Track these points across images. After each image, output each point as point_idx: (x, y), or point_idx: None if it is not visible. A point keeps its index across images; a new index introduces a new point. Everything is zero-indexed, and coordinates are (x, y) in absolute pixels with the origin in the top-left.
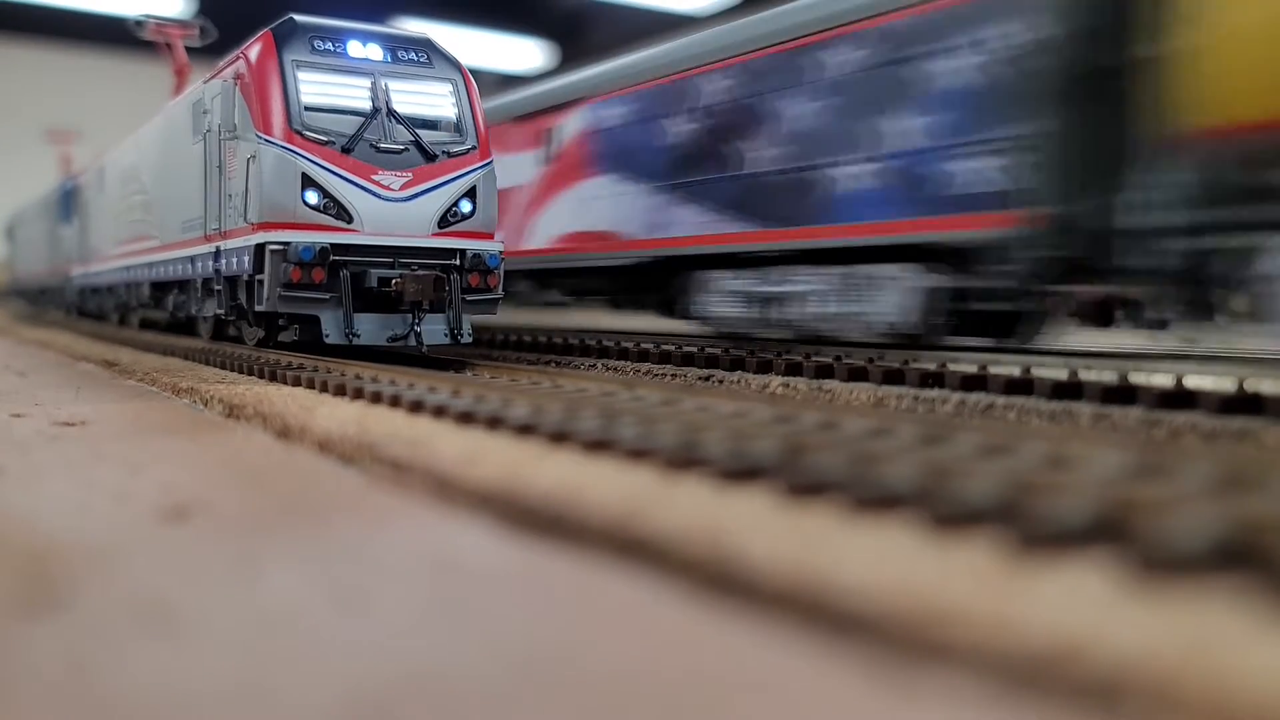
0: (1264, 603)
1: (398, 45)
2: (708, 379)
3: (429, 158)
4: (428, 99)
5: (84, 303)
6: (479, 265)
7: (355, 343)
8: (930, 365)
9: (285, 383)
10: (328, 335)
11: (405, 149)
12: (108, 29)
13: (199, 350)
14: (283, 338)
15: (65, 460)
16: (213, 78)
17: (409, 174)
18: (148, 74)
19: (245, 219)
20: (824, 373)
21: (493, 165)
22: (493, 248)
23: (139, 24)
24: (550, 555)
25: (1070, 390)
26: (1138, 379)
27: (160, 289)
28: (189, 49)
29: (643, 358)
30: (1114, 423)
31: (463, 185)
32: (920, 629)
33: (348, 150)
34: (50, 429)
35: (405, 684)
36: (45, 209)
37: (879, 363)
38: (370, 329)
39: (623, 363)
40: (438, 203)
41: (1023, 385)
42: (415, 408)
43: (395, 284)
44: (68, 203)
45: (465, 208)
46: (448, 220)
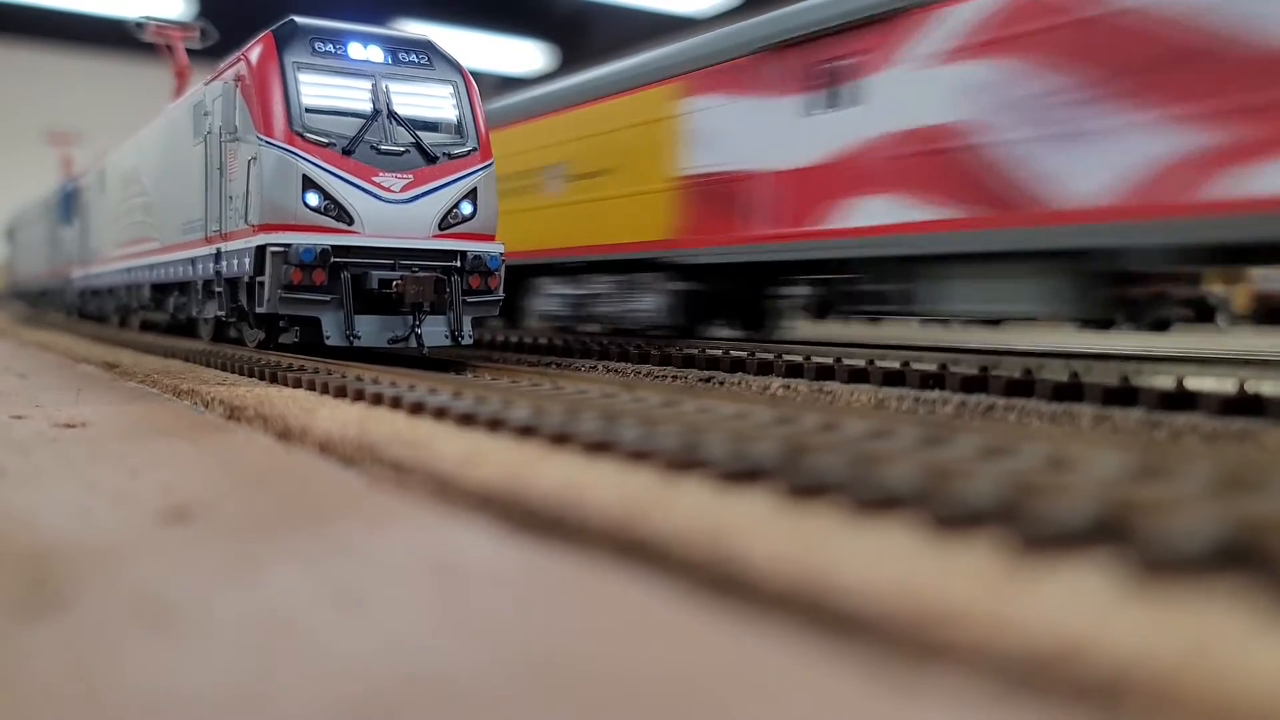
0: (1264, 603)
1: (398, 47)
2: (708, 380)
3: (430, 159)
4: (428, 101)
5: (84, 304)
6: (480, 267)
7: (356, 344)
8: (931, 367)
9: (286, 384)
10: (328, 337)
11: (406, 151)
12: (108, 31)
13: (200, 352)
14: (283, 339)
15: (66, 462)
16: (213, 79)
17: (410, 176)
18: (148, 76)
19: (246, 221)
20: (825, 374)
21: (493, 167)
22: (493, 249)
23: (139, 26)
24: (551, 557)
25: (1071, 392)
26: (1138, 380)
27: (161, 291)
28: (189, 51)
29: (643, 359)
30: (1115, 424)
31: (463, 187)
32: (921, 630)
33: (348, 152)
34: (51, 430)
35: (406, 686)
36: (46, 211)
37: (879, 364)
38: (371, 331)
39: (623, 364)
40: (438, 204)
41: (1023, 387)
42: (416, 409)
43: (396, 286)
44: (68, 204)
45: (466, 209)
46: (448, 222)
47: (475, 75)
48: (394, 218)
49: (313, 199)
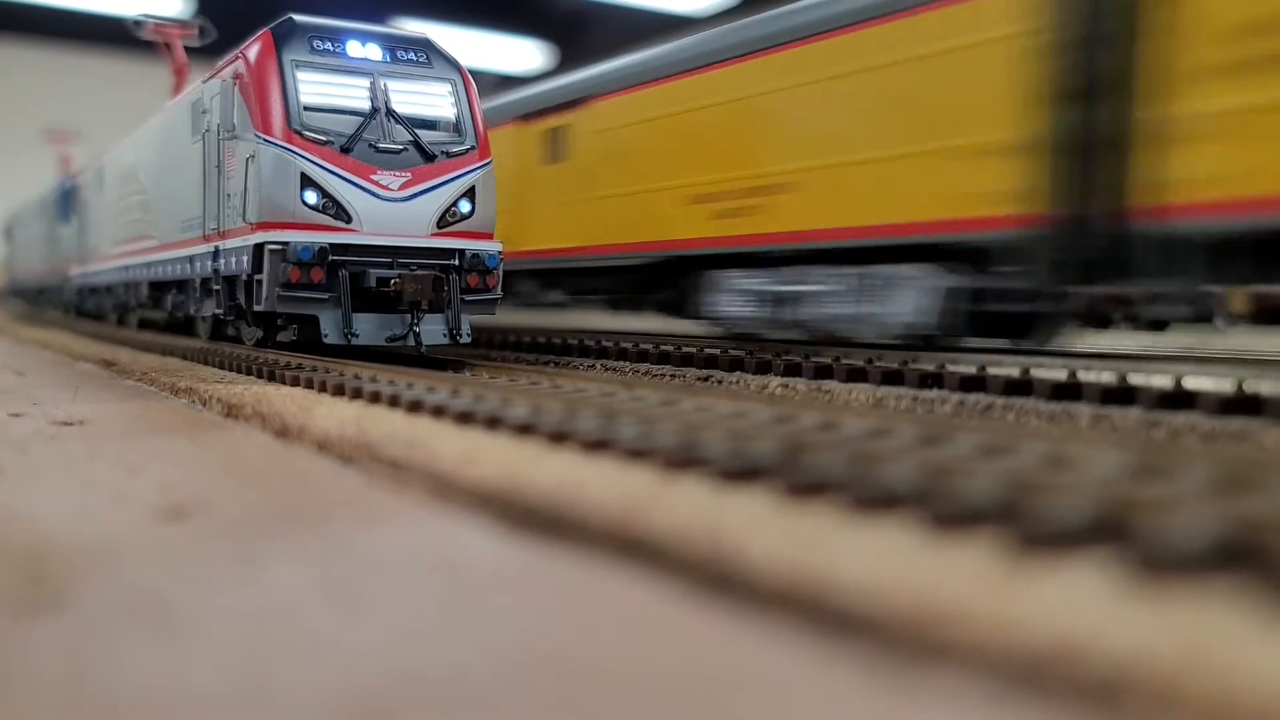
0: (1263, 602)
1: (397, 45)
2: (707, 379)
3: (428, 158)
4: (427, 99)
5: (82, 302)
6: (478, 265)
7: (354, 343)
8: (929, 366)
9: (284, 382)
10: (326, 335)
11: (404, 149)
12: (107, 29)
13: (197, 350)
14: (281, 337)
15: (64, 460)
16: (212, 77)
17: (408, 174)
18: (146, 74)
19: (244, 219)
20: (823, 373)
21: (491, 165)
22: (491, 248)
23: (138, 24)
24: (549, 555)
25: (1069, 391)
26: (1137, 380)
27: (159, 289)
28: (188, 49)
29: (642, 358)
30: (1113, 423)
31: (462, 185)
32: (920, 629)
33: (347, 150)
34: (49, 428)
35: (404, 683)
36: (44, 208)
37: (878, 363)
38: (369, 329)
39: (622, 363)
40: (437, 203)
41: (1022, 386)
42: (414, 408)
43: (394, 284)
44: (66, 202)
45: (464, 208)
46: (446, 220)
47: (474, 74)
48: (392, 216)
49: (311, 197)
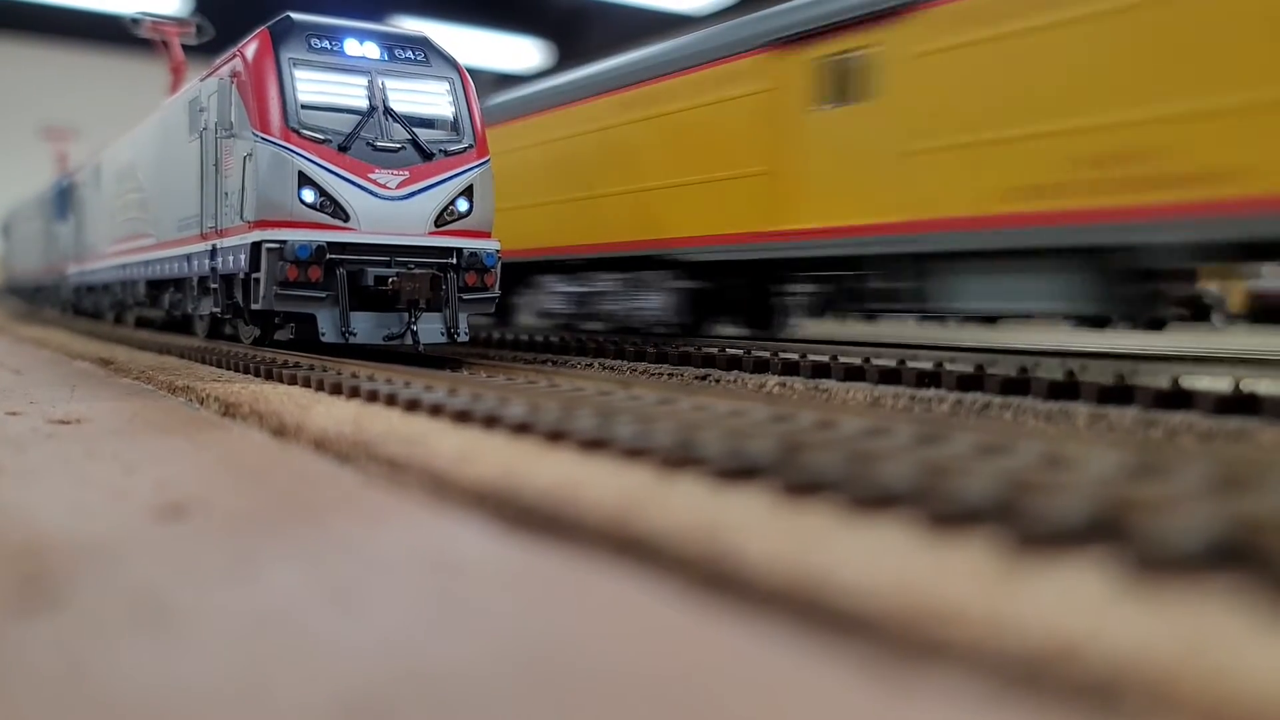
0: (1260, 602)
1: (395, 44)
2: (704, 378)
3: (426, 156)
4: (425, 97)
5: (80, 301)
6: (476, 264)
7: (351, 341)
8: (927, 365)
9: (281, 381)
10: (324, 334)
11: (402, 147)
12: (104, 26)
13: (195, 348)
14: (279, 336)
15: (60, 458)
16: (209, 75)
17: (406, 172)
18: (144, 72)
19: (241, 217)
20: (821, 372)
21: (489, 164)
22: (489, 246)
23: (135, 21)
24: (546, 554)
25: (1067, 390)
26: (1134, 379)
27: (156, 287)
28: (185, 47)
29: (639, 357)
30: (1111, 423)
31: (459, 184)
32: (917, 628)
33: (344, 148)
34: (45, 427)
35: (401, 682)
36: (41, 207)
37: (875, 362)
38: (366, 328)
39: (619, 362)
40: (434, 201)
41: (1019, 385)
42: (411, 406)
43: (392, 283)
44: (63, 200)
45: (462, 206)
46: (444, 219)
47: (472, 72)
48: (390, 214)
49: (308, 195)
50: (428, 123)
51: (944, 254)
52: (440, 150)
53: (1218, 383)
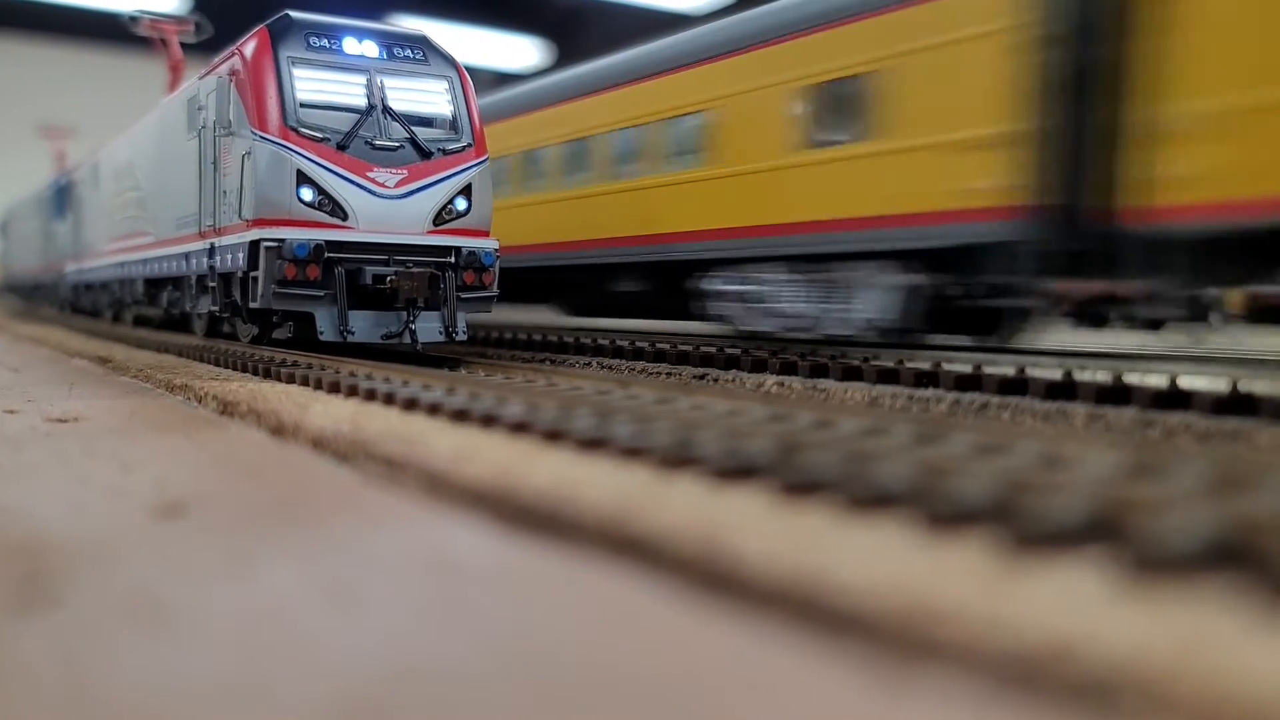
0: (1257, 602)
1: (393, 42)
2: (702, 377)
3: (424, 155)
4: (423, 96)
5: (78, 299)
6: (474, 263)
7: (349, 340)
8: (925, 365)
9: (279, 380)
10: (322, 332)
11: (400, 146)
12: (103, 25)
13: (193, 347)
14: (277, 335)
15: (59, 457)
16: (208, 74)
17: (404, 171)
18: (143, 70)
19: (240, 215)
20: (819, 372)
21: (488, 163)
22: (488, 245)
23: (134, 20)
24: (544, 554)
25: (1065, 390)
26: (1132, 379)
27: (154, 285)
28: (184, 45)
29: (638, 356)
30: (1108, 423)
31: (458, 183)
32: (914, 628)
33: (343, 147)
34: (44, 425)
35: (399, 681)
36: (39, 205)
37: (874, 362)
38: (365, 326)
39: (618, 361)
40: (433, 200)
41: (1017, 385)
42: (409, 405)
43: (390, 281)
44: (61, 199)
45: (460, 205)
46: (443, 218)
47: (470, 71)
48: (388, 213)
49: (307, 194)
50: (426, 121)
51: None
52: (439, 149)
53: (1216, 383)
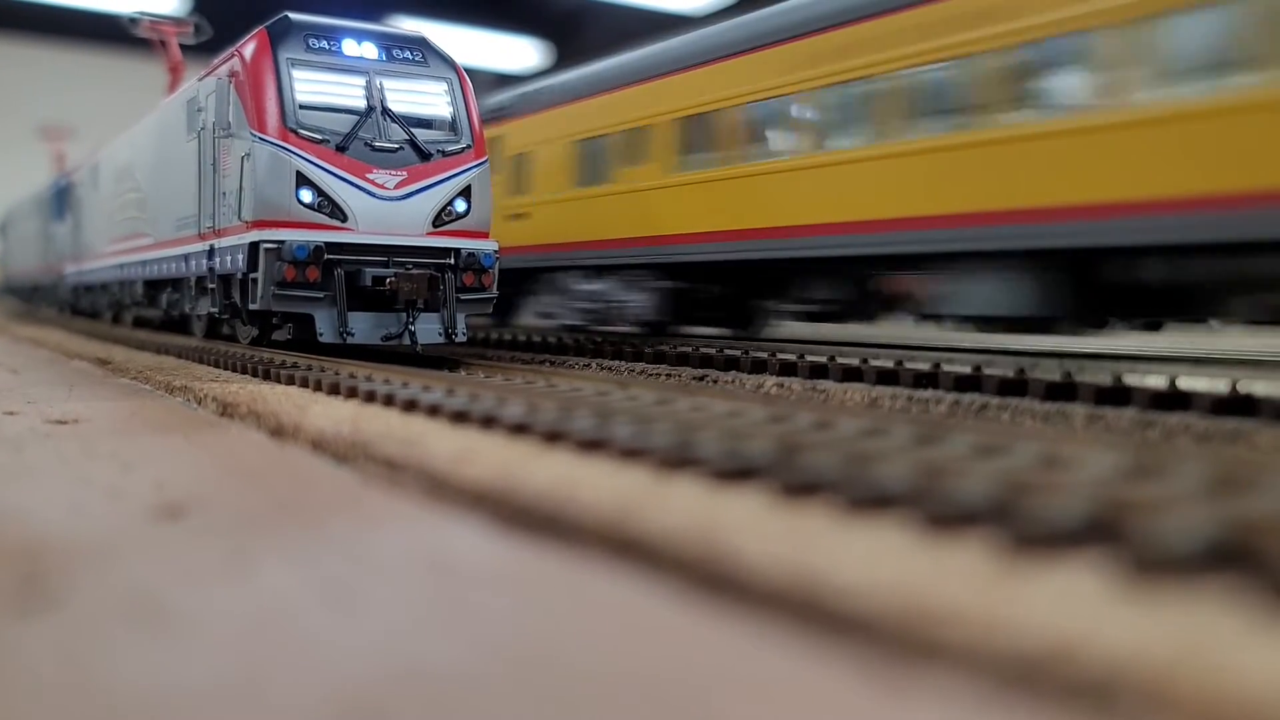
0: (1256, 603)
1: (393, 44)
2: (702, 378)
3: (424, 156)
4: (423, 98)
5: (77, 300)
6: (474, 264)
7: (349, 342)
8: (924, 366)
9: (279, 381)
10: (322, 334)
11: (400, 148)
12: (102, 26)
13: (193, 348)
14: (276, 336)
15: (58, 458)
16: (207, 75)
17: (404, 173)
18: (142, 71)
19: (239, 217)
20: (818, 373)
21: (487, 164)
22: (487, 247)
23: (133, 21)
24: (544, 555)
25: (1064, 391)
26: (1131, 380)
27: (154, 287)
28: (183, 46)
29: (637, 357)
30: (1108, 424)
31: (457, 184)
32: (914, 629)
33: (342, 149)
34: (43, 427)
35: (398, 682)
36: (38, 206)
37: (873, 363)
38: (364, 328)
39: (617, 362)
40: (432, 202)
41: (1017, 386)
42: (409, 407)
43: (390, 283)
44: (61, 200)
45: (460, 207)
46: (442, 219)
47: (470, 72)
48: (388, 215)
49: (306, 195)
50: (426, 123)
51: None
52: (438, 150)
53: (1215, 384)
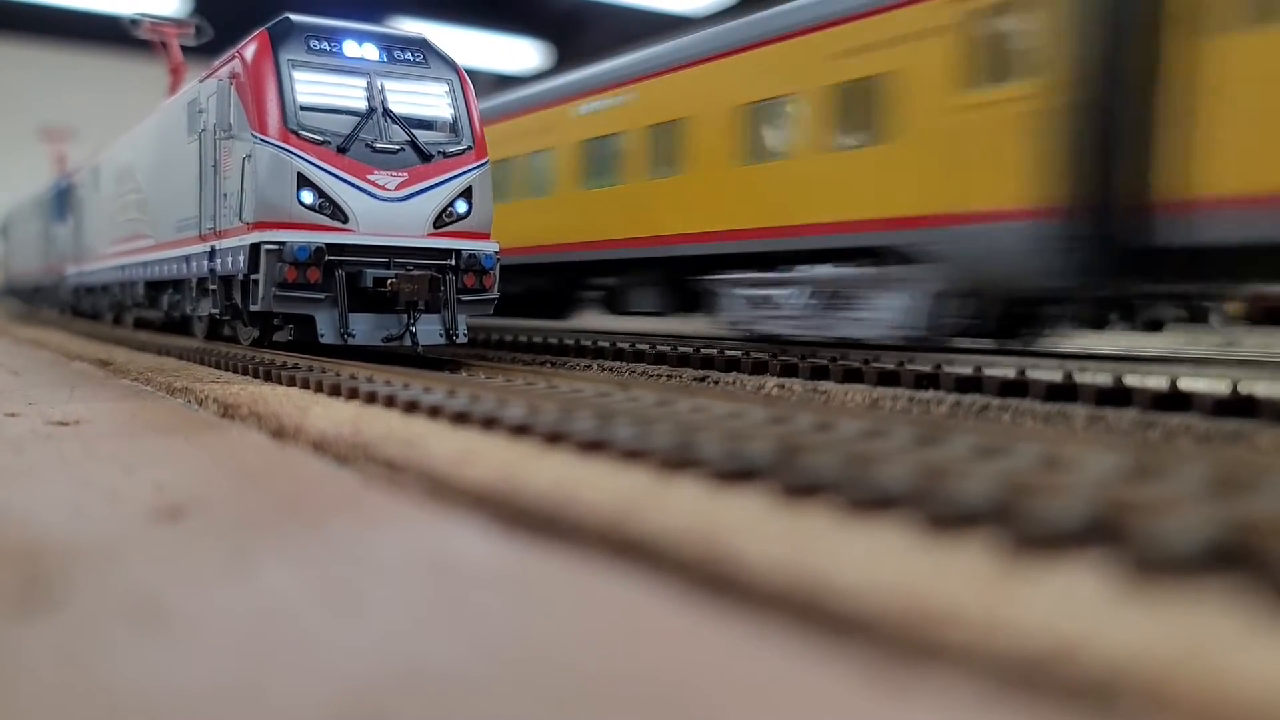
0: (1257, 604)
1: (394, 45)
2: (703, 380)
3: (425, 158)
4: (423, 99)
5: (78, 302)
6: (474, 265)
7: (350, 343)
8: (925, 367)
9: (280, 382)
10: (323, 335)
11: (401, 149)
12: (103, 28)
13: (194, 350)
14: (277, 337)
15: (59, 459)
16: (208, 77)
17: (404, 174)
18: (143, 73)
19: (240, 218)
20: (819, 374)
21: (488, 165)
22: (488, 248)
23: (134, 23)
24: (545, 556)
25: (1065, 392)
26: (1132, 381)
27: (155, 288)
28: (184, 48)
29: (638, 358)
30: (1109, 424)
31: (458, 185)
32: (915, 629)
33: (343, 150)
34: (44, 428)
35: (399, 683)
36: (39, 208)
37: (874, 364)
38: (365, 329)
39: (618, 363)
40: (433, 203)
41: (1018, 387)
42: (410, 408)
43: (390, 284)
44: (62, 201)
45: (461, 208)
46: (443, 220)
47: (470, 73)
48: (389, 216)
49: (307, 197)
50: (427, 124)
51: None
52: (439, 152)
53: (1216, 384)
